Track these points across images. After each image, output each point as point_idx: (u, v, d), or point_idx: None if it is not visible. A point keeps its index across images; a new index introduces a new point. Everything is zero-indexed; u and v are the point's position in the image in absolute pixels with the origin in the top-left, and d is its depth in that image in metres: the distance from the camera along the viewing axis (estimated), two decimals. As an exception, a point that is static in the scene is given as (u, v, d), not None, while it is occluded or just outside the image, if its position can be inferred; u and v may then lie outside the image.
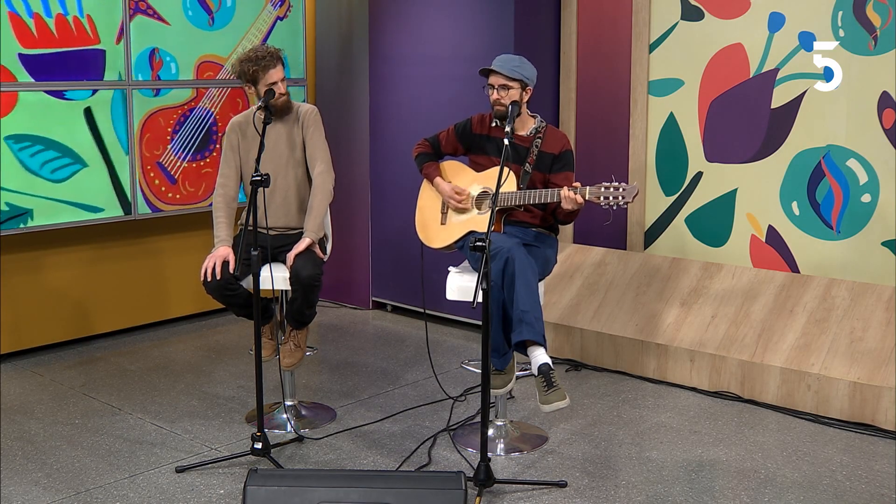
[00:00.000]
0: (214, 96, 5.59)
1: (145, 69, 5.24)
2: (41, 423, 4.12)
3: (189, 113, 5.48)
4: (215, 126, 5.62)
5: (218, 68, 5.61)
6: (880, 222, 4.45)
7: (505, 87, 3.80)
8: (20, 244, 4.91)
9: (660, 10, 5.05)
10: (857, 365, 4.13)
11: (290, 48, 5.83)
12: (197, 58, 5.46)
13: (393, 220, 5.81)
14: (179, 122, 5.44)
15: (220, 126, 5.66)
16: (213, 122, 5.61)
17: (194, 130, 5.53)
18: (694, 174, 5.03)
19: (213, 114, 5.61)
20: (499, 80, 3.80)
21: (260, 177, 3.55)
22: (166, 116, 5.37)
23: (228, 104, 5.67)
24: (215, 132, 5.64)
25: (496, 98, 3.82)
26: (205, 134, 5.59)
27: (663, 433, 4.02)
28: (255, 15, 5.72)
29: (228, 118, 5.51)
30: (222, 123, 5.65)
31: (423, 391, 4.54)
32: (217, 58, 5.57)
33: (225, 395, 4.48)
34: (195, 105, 5.51)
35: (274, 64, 3.96)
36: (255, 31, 5.73)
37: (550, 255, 3.94)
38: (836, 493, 3.46)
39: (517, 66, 3.79)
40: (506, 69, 3.78)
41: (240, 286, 3.90)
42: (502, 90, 3.80)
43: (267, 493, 2.79)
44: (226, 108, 5.66)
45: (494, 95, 3.83)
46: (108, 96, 5.11)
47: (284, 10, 5.84)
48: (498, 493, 3.43)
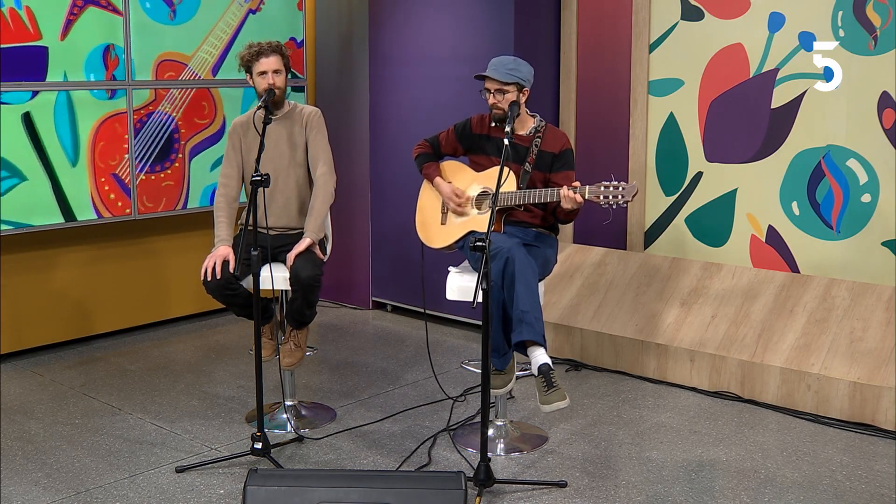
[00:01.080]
0: (176, 99, 5.05)
1: (98, 68, 4.72)
2: (41, 423, 4.12)
3: (147, 118, 4.96)
4: (177, 133, 5.08)
5: (181, 68, 5.06)
6: (880, 222, 4.45)
7: (501, 91, 3.79)
8: (20, 244, 4.91)
9: (660, 10, 5.05)
10: (857, 365, 4.13)
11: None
12: (156, 56, 4.96)
13: (393, 221, 5.81)
14: (137, 128, 4.91)
15: (182, 133, 5.12)
16: (175, 129, 5.07)
17: (153, 138, 4.99)
18: (694, 174, 5.03)
19: (175, 119, 5.08)
20: (494, 84, 3.80)
21: (260, 177, 3.55)
22: (123, 122, 4.84)
23: (192, 108, 5.14)
24: (177, 140, 5.09)
25: (493, 102, 3.82)
26: (165, 142, 5.07)
27: (663, 433, 4.02)
28: (224, 7, 5.21)
29: (192, 124, 5.24)
30: (185, 130, 5.17)
31: (423, 391, 4.54)
32: (179, 56, 5.02)
33: (225, 395, 4.48)
34: (154, 109, 4.98)
35: (267, 54, 3.96)
36: (223, 26, 5.18)
37: (550, 255, 3.94)
38: (836, 493, 3.46)
39: (512, 70, 3.78)
40: (500, 74, 3.77)
41: (240, 286, 3.91)
42: (498, 94, 3.80)
43: (267, 493, 2.79)
44: (189, 113, 5.13)
45: (491, 100, 3.83)
46: (51, 99, 4.58)
47: (257, 3, 5.35)
48: (498, 493, 3.43)
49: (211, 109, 5.27)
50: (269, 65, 3.95)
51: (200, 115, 5.27)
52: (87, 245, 5.21)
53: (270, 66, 3.95)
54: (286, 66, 4.02)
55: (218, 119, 5.47)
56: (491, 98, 3.82)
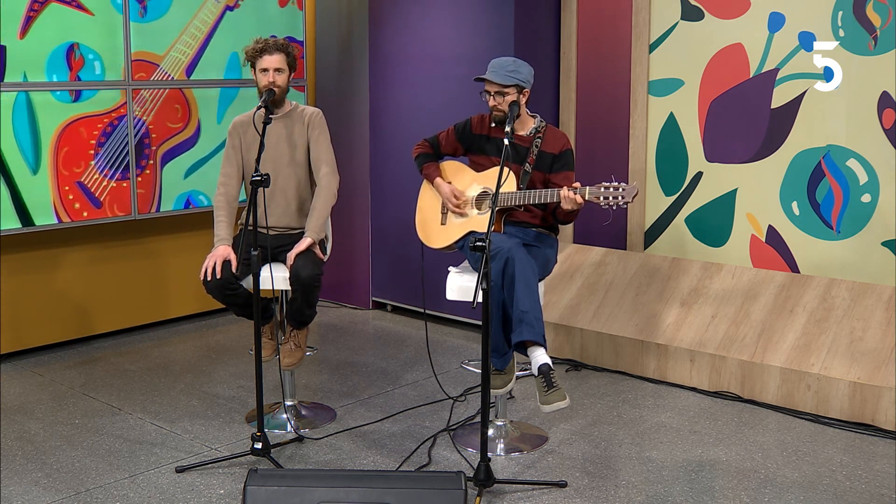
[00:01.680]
0: (147, 102, 4.77)
1: (61, 69, 4.44)
2: (41, 423, 4.11)
3: (117, 122, 4.69)
4: (148, 138, 4.81)
5: (152, 68, 4.79)
6: (880, 222, 4.45)
7: (501, 93, 3.79)
8: (20, 244, 4.91)
9: (660, 10, 5.05)
10: (857, 365, 4.13)
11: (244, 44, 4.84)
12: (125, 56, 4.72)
13: (393, 221, 5.81)
14: (105, 132, 4.62)
15: (153, 138, 4.85)
16: (146, 133, 4.80)
17: (122, 143, 4.71)
18: (694, 174, 5.03)
19: (146, 123, 4.82)
20: (494, 87, 3.80)
21: (260, 177, 3.55)
22: (88, 126, 4.56)
23: (165, 111, 4.87)
24: (148, 145, 4.81)
25: (493, 104, 3.82)
26: (136, 147, 4.81)
27: (663, 433, 4.02)
28: (199, 4, 4.97)
29: (165, 128, 5.03)
30: (157, 135, 4.90)
31: (423, 391, 4.54)
32: (151, 56, 4.77)
33: (225, 395, 4.48)
34: (125, 112, 4.72)
35: (271, 51, 3.96)
36: (198, 24, 4.91)
37: (550, 255, 3.94)
38: (836, 493, 3.46)
39: (511, 72, 3.77)
40: (499, 77, 3.77)
41: (240, 286, 3.90)
42: (498, 96, 3.80)
43: (267, 493, 2.79)
44: (161, 116, 4.84)
45: (491, 102, 3.83)
46: (10, 100, 4.32)
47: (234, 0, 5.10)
48: (498, 493, 3.43)
49: (184, 113, 5.00)
50: (272, 63, 3.95)
51: (173, 119, 5.01)
52: (87, 245, 5.21)
53: (272, 65, 3.95)
54: (290, 65, 4.02)
55: (192, 123, 5.25)
56: (491, 100, 3.82)
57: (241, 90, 5.51)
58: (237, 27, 5.25)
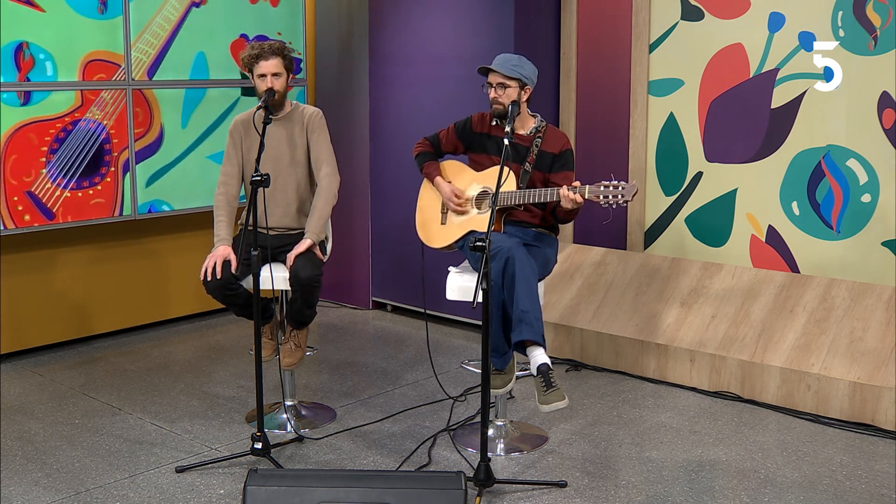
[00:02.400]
0: (107, 105, 4.44)
1: (9, 69, 4.15)
2: (41, 423, 4.11)
3: (72, 127, 4.38)
4: (108, 144, 4.46)
5: (112, 69, 4.45)
6: (880, 222, 4.45)
7: (503, 85, 3.80)
8: (20, 244, 4.90)
9: (660, 10, 5.05)
10: (857, 365, 4.13)
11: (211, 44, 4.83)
12: (83, 55, 4.39)
13: (393, 221, 5.81)
14: (59, 138, 4.31)
15: (114, 144, 4.51)
16: (106, 139, 4.46)
17: (79, 149, 4.39)
18: (694, 174, 5.03)
19: (106, 128, 4.50)
20: (497, 78, 3.81)
21: (260, 177, 3.55)
22: (40, 131, 4.26)
23: (125, 115, 4.54)
24: (108, 151, 4.47)
25: (494, 96, 3.83)
26: (95, 154, 4.47)
27: (663, 433, 4.02)
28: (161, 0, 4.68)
29: (126, 133, 4.76)
30: (118, 140, 4.59)
31: (423, 391, 4.54)
32: (110, 55, 4.44)
33: (225, 395, 4.48)
34: (80, 116, 4.39)
35: (267, 56, 3.95)
36: (161, 22, 4.61)
37: (550, 254, 3.94)
38: (836, 493, 3.46)
39: (515, 65, 3.80)
40: (504, 68, 3.79)
41: (240, 286, 3.90)
42: (500, 89, 3.81)
43: (267, 493, 2.79)
44: (122, 121, 4.52)
45: (493, 94, 3.83)
46: None
47: None
48: (498, 493, 3.43)
49: (146, 116, 4.72)
50: (269, 68, 3.95)
51: (136, 124, 4.72)
52: (87, 245, 5.21)
53: (269, 70, 3.95)
54: (287, 68, 4.01)
55: (155, 127, 4.95)
56: (492, 92, 3.83)
57: (207, 91, 5.21)
58: (204, 25, 4.94)
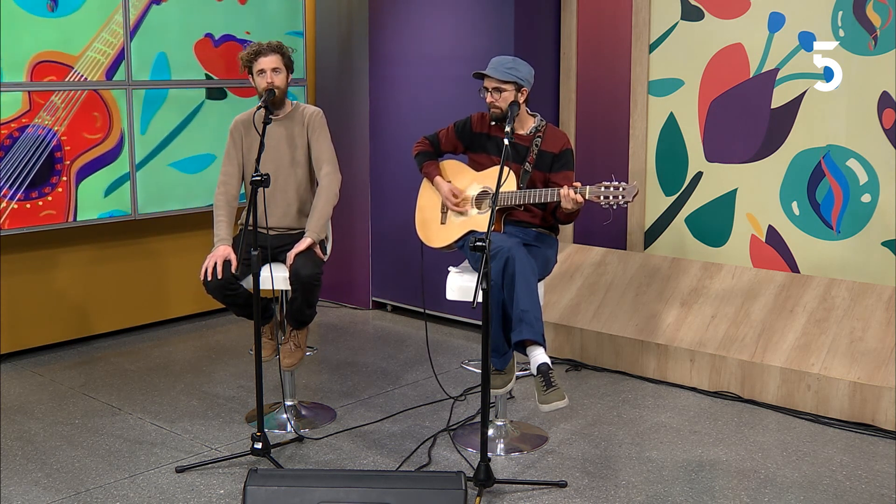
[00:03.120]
0: (59, 109, 4.18)
1: None
2: (41, 423, 4.12)
3: (19, 133, 4.15)
4: (59, 151, 4.19)
5: (64, 71, 4.18)
6: (880, 222, 4.45)
7: (499, 89, 3.79)
8: (20, 244, 4.90)
9: (660, 10, 5.05)
10: (857, 365, 4.13)
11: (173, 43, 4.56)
12: (31, 56, 4.16)
13: (393, 220, 5.81)
14: (3, 145, 4.07)
15: (66, 151, 4.23)
16: (58, 146, 4.20)
17: (27, 156, 4.14)
18: (694, 174, 5.03)
19: (57, 134, 4.25)
20: (492, 82, 3.80)
21: (260, 177, 3.55)
22: None
23: (80, 120, 4.26)
24: (59, 159, 4.20)
25: (491, 101, 3.83)
26: (45, 162, 4.23)
27: (663, 433, 4.02)
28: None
29: (80, 139, 4.49)
30: (70, 147, 4.32)
31: (423, 391, 4.54)
32: (62, 56, 4.18)
33: (225, 395, 4.48)
34: (29, 121, 4.16)
35: (266, 52, 3.95)
36: (119, 20, 4.38)
37: (550, 255, 3.94)
38: (836, 493, 3.46)
39: (510, 69, 3.78)
40: (498, 72, 3.78)
41: (240, 286, 3.90)
42: (496, 93, 3.80)
43: (267, 493, 2.79)
44: (76, 126, 4.25)
45: (489, 98, 3.83)
46: None
47: None
48: (498, 493, 3.43)
49: (104, 121, 4.44)
50: (268, 63, 3.94)
51: (91, 129, 4.42)
52: (87, 245, 5.21)
53: (269, 65, 3.94)
54: (287, 65, 4.01)
55: (114, 133, 4.69)
56: (489, 97, 3.82)
57: (169, 94, 5.00)
58: (165, 24, 4.70)
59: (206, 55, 4.97)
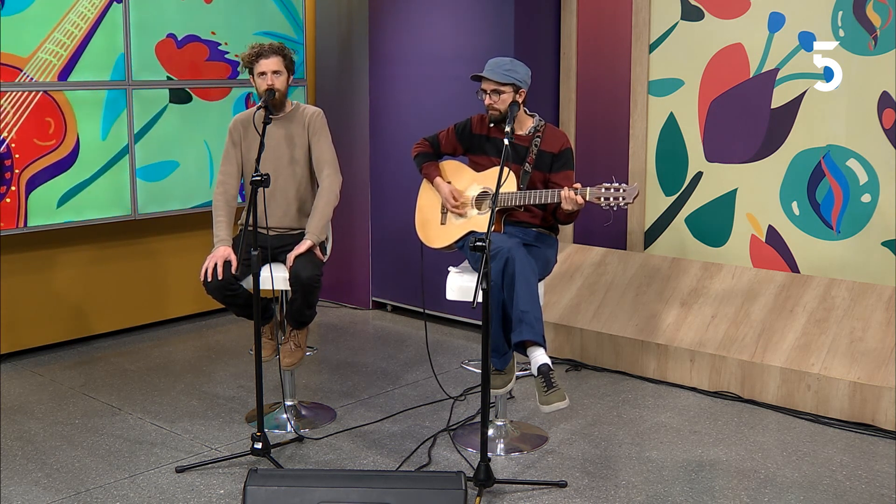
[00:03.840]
0: (8, 114, 3.95)
1: None
2: (41, 423, 4.11)
3: None
4: (9, 159, 3.96)
5: (13, 73, 3.95)
6: (880, 222, 4.45)
7: (497, 91, 3.79)
8: (20, 244, 4.90)
9: (660, 10, 5.05)
10: (857, 365, 4.13)
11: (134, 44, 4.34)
12: None
13: (393, 220, 5.81)
14: None
15: (16, 159, 3.99)
16: (7, 154, 3.96)
17: None
18: (694, 174, 5.03)
19: (6, 141, 4.01)
20: (490, 85, 3.80)
21: (260, 177, 3.55)
22: None
23: (31, 126, 4.02)
24: (9, 168, 3.97)
25: (489, 103, 3.82)
26: None
27: (663, 433, 4.02)
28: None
29: (31, 145, 4.25)
30: (21, 155, 4.08)
31: (423, 391, 4.54)
32: (12, 58, 3.95)
33: (225, 395, 4.48)
34: None
35: (267, 55, 3.95)
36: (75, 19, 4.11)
37: (551, 255, 3.94)
38: (836, 493, 3.46)
39: (508, 70, 3.78)
40: (496, 74, 3.77)
41: (240, 286, 3.90)
42: (494, 95, 3.80)
43: (267, 493, 2.79)
44: (27, 132, 4.01)
45: (487, 100, 3.83)
46: None
47: None
48: (498, 493, 3.43)
49: (59, 127, 4.18)
50: (269, 66, 3.95)
51: (43, 135, 4.17)
52: (87, 245, 5.21)
53: (270, 68, 3.95)
54: (287, 67, 4.01)
55: (69, 139, 4.42)
56: (487, 99, 3.82)
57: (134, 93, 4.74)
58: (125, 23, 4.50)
59: (169, 56, 4.75)
